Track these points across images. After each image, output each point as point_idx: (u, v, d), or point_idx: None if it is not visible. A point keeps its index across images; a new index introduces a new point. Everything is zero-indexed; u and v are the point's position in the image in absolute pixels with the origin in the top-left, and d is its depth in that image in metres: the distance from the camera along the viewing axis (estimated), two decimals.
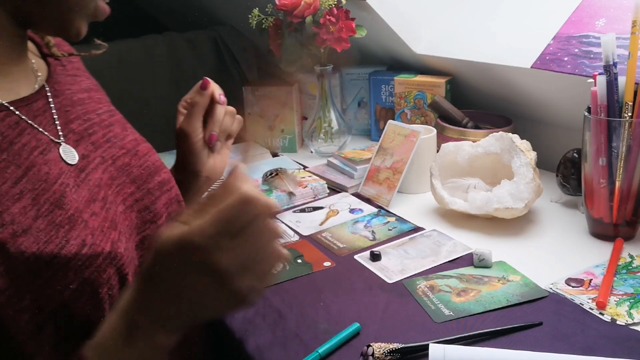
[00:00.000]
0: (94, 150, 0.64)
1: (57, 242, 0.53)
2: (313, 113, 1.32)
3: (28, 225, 0.52)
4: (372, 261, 0.85)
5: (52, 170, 0.57)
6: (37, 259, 0.51)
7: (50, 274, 0.52)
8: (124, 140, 0.69)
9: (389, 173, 1.05)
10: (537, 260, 0.82)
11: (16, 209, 0.52)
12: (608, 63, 0.80)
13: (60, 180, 0.57)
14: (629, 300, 0.71)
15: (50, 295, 0.52)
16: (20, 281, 0.50)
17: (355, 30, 1.18)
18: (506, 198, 0.88)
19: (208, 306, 0.49)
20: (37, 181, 0.55)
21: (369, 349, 0.62)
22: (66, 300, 0.53)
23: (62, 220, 0.55)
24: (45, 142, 0.59)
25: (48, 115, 0.62)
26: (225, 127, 0.87)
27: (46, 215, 0.54)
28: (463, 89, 1.27)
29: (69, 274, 0.53)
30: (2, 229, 0.50)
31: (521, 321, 0.68)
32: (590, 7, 1.01)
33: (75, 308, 0.54)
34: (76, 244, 0.54)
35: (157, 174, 0.70)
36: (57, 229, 0.54)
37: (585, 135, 0.84)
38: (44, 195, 0.55)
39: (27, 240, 0.51)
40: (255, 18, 1.24)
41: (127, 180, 0.66)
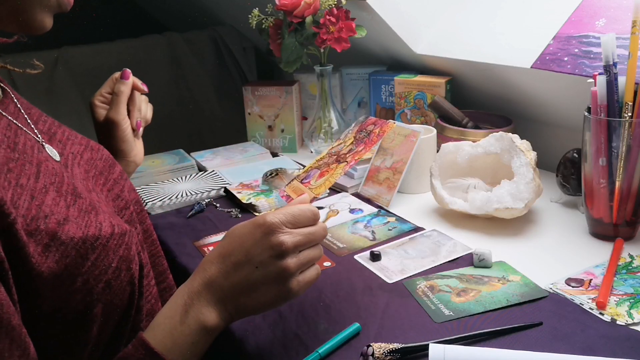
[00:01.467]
0: (63, 148, 0.67)
1: (94, 225, 0.56)
2: (313, 113, 1.32)
3: (65, 215, 0.54)
4: (372, 261, 0.85)
5: (55, 165, 0.59)
6: (84, 243, 0.54)
7: (95, 256, 0.55)
8: (77, 137, 0.71)
9: (389, 173, 1.05)
10: (537, 260, 0.82)
11: (49, 201, 0.54)
12: (608, 63, 0.80)
13: (64, 173, 0.60)
14: (629, 300, 0.71)
15: (97, 276, 0.55)
16: (72, 265, 0.53)
17: (355, 30, 1.18)
18: (506, 198, 0.88)
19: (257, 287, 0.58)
20: (51, 175, 0.57)
21: (369, 349, 0.62)
22: (110, 279, 0.56)
23: (86, 207, 0.57)
24: (34, 141, 0.61)
25: (21, 117, 0.63)
26: (143, 113, 0.94)
27: (73, 204, 0.56)
28: (463, 89, 1.27)
29: (109, 253, 0.56)
30: (47, 220, 0.52)
31: (521, 321, 0.68)
32: (590, 7, 1.01)
33: (116, 286, 0.57)
34: (107, 225, 0.57)
35: (115, 165, 0.73)
36: (88, 215, 0.57)
37: (585, 135, 0.84)
38: (62, 187, 0.57)
39: (71, 227, 0.54)
40: (255, 18, 1.24)
41: (97, 173, 0.69)
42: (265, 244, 0.58)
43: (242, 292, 0.58)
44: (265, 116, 1.37)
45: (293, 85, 1.36)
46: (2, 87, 0.64)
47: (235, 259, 0.58)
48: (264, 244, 0.58)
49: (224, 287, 0.58)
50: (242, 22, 1.36)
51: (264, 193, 1.08)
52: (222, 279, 0.58)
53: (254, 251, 0.58)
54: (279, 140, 1.38)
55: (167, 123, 1.79)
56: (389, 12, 1.22)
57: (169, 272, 0.79)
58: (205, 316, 0.57)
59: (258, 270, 0.58)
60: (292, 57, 1.22)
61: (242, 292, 0.58)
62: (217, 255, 0.60)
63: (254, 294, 0.58)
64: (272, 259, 0.58)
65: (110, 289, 0.56)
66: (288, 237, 0.58)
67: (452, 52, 1.20)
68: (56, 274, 0.51)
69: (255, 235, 0.58)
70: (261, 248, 0.58)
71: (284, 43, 1.22)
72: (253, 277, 0.58)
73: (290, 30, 1.20)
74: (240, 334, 0.71)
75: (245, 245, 0.58)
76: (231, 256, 0.59)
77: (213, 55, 1.90)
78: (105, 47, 1.74)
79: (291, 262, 0.58)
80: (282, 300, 0.60)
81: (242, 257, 0.58)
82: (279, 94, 1.35)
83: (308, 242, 0.60)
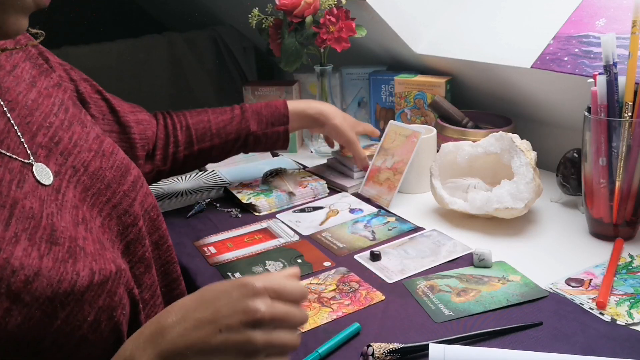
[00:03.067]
0: (64, 162, 0.61)
1: (68, 278, 0.51)
2: None
3: (37, 267, 0.50)
4: (372, 261, 0.85)
5: (34, 203, 0.54)
6: (52, 302, 0.49)
7: (67, 312, 0.50)
8: (89, 140, 0.66)
9: (390, 173, 1.05)
10: (537, 260, 0.82)
11: (19, 252, 0.49)
12: (608, 63, 0.80)
13: (45, 211, 0.55)
14: (629, 300, 0.70)
15: (69, 333, 0.51)
16: (36, 327, 0.48)
17: (355, 30, 1.18)
18: (506, 198, 0.88)
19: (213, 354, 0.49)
20: (25, 219, 0.52)
21: (369, 349, 0.62)
22: (85, 334, 0.52)
23: (63, 255, 0.52)
24: (18, 170, 0.55)
25: (12, 135, 0.58)
26: None
27: (47, 253, 0.51)
28: (463, 89, 1.27)
29: (84, 307, 0.51)
30: (14, 277, 0.48)
31: (521, 321, 0.68)
32: (590, 7, 1.01)
33: (94, 339, 0.52)
34: (86, 275, 0.52)
35: (129, 173, 0.68)
36: (64, 265, 0.52)
37: (585, 135, 0.84)
38: (36, 233, 0.52)
39: (40, 284, 0.49)
40: (255, 18, 1.24)
41: (102, 187, 0.64)
42: (238, 307, 0.49)
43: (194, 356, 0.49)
44: None
45: (293, 85, 1.35)
46: None
47: (200, 316, 0.49)
48: (237, 305, 0.49)
49: (176, 345, 0.49)
50: (242, 22, 1.36)
51: (264, 193, 1.08)
52: (177, 336, 0.49)
53: (223, 311, 0.49)
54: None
55: None
56: (389, 12, 1.22)
57: (182, 279, 0.77)
58: None
59: (221, 335, 0.48)
60: (292, 57, 1.21)
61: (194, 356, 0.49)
62: (180, 306, 0.51)
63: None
64: (241, 326, 0.48)
65: (86, 343, 0.52)
66: (267, 306, 0.49)
67: (452, 52, 1.20)
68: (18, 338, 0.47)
69: (232, 295, 0.50)
70: (233, 310, 0.49)
71: (284, 43, 1.21)
72: (213, 341, 0.48)
73: (290, 30, 1.20)
74: None
75: (216, 304, 0.50)
76: (196, 311, 0.50)
77: (213, 55, 1.90)
78: (105, 47, 1.74)
79: (260, 336, 0.49)
80: None
81: (207, 314, 0.49)
82: (279, 94, 1.35)
83: (286, 321, 0.50)
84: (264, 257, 0.88)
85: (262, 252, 0.90)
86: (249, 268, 0.85)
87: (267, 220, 1.01)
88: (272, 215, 1.03)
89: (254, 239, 0.95)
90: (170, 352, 0.49)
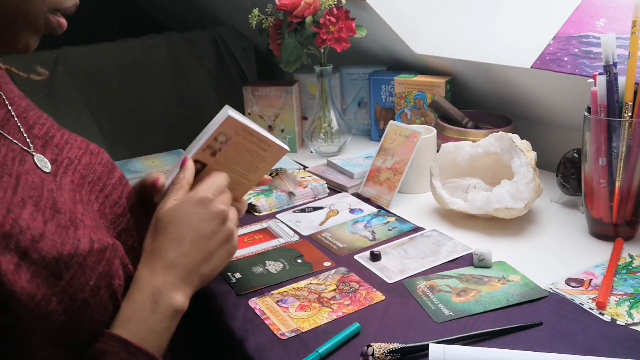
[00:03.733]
0: (59, 153, 0.65)
1: (71, 242, 0.55)
2: (313, 113, 1.32)
3: (42, 230, 0.53)
4: (372, 261, 0.85)
5: (35, 178, 0.58)
6: (57, 262, 0.53)
7: (71, 275, 0.54)
8: (77, 140, 0.70)
9: (390, 174, 1.05)
10: (537, 260, 0.82)
11: (26, 215, 0.53)
12: (608, 63, 0.80)
13: (45, 187, 0.58)
14: (629, 300, 0.71)
15: (73, 295, 0.54)
16: (45, 285, 0.52)
17: (355, 30, 1.18)
18: (506, 198, 0.88)
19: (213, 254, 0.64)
20: (30, 189, 0.56)
21: (369, 349, 0.62)
22: (87, 297, 0.55)
23: (65, 222, 0.56)
24: (19, 152, 0.59)
25: (12, 124, 0.62)
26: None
27: (51, 219, 0.55)
28: (463, 89, 1.27)
29: (86, 271, 0.55)
30: (22, 236, 0.51)
31: (521, 321, 0.68)
32: (590, 7, 1.01)
33: (95, 304, 0.56)
34: (86, 242, 0.56)
35: (115, 170, 0.73)
36: (66, 231, 0.55)
37: (585, 135, 0.84)
38: (41, 201, 0.56)
39: (45, 244, 0.52)
40: (255, 18, 1.24)
41: (95, 178, 0.68)
42: (210, 216, 0.64)
43: (202, 264, 0.64)
44: (265, 116, 1.37)
45: (293, 85, 1.35)
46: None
47: (190, 238, 0.63)
48: (209, 216, 0.64)
49: (187, 266, 0.62)
50: (242, 22, 1.35)
51: (264, 193, 1.08)
52: (185, 260, 0.62)
53: (204, 225, 0.64)
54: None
55: (167, 123, 1.79)
56: (389, 12, 1.22)
57: None
58: (175, 300, 0.60)
59: (211, 241, 0.64)
60: (292, 57, 1.21)
61: (202, 263, 0.64)
62: (170, 241, 0.62)
63: (213, 262, 0.65)
64: (220, 226, 0.65)
65: (88, 307, 0.55)
66: (222, 203, 0.66)
67: (452, 52, 1.20)
68: (29, 293, 0.50)
69: (198, 212, 0.64)
70: (208, 220, 0.64)
71: (284, 43, 1.21)
72: (209, 247, 0.64)
73: (290, 30, 1.20)
74: (240, 334, 0.71)
75: (194, 224, 0.63)
76: (185, 237, 0.63)
77: (213, 55, 1.90)
78: (105, 47, 1.74)
79: (232, 224, 0.67)
80: (230, 257, 0.68)
81: (195, 234, 0.63)
82: (279, 94, 1.35)
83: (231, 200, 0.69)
84: (264, 257, 0.88)
85: (262, 252, 0.90)
86: (249, 268, 0.85)
87: (267, 221, 1.01)
88: (272, 215, 1.03)
89: (254, 239, 0.95)
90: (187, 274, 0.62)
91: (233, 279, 0.82)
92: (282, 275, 0.83)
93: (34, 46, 0.60)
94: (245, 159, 0.72)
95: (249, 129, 0.69)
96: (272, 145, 0.71)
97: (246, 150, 0.71)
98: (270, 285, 0.80)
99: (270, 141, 0.71)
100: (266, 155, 0.72)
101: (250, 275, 0.83)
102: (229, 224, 0.66)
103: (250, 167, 0.73)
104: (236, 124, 0.69)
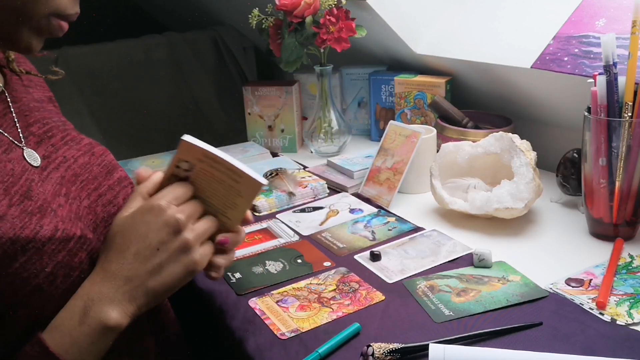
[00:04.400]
0: (54, 151, 0.67)
1: (31, 227, 0.56)
2: (313, 113, 1.32)
3: (3, 213, 0.55)
4: (372, 261, 0.85)
5: (16, 167, 0.60)
6: (13, 243, 0.54)
7: (26, 258, 0.55)
8: (80, 143, 0.72)
9: (390, 173, 1.05)
10: (537, 260, 0.82)
11: None
12: (608, 63, 0.80)
13: (25, 176, 0.60)
14: (629, 300, 0.71)
15: (25, 279, 0.55)
16: None
17: (355, 30, 1.18)
18: (506, 198, 0.88)
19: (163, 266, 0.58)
20: (4, 175, 0.58)
21: (369, 349, 0.62)
22: (41, 284, 0.56)
23: (33, 209, 0.57)
24: (7, 143, 0.62)
25: (8, 119, 0.65)
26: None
27: (18, 204, 0.57)
28: (463, 89, 1.27)
29: (43, 257, 0.56)
30: None
31: (521, 321, 0.68)
32: (590, 7, 1.01)
33: (49, 291, 0.56)
34: (49, 229, 0.57)
35: (115, 171, 0.73)
36: (30, 217, 0.57)
37: (585, 135, 0.84)
38: (12, 187, 0.58)
39: (4, 225, 0.54)
40: (255, 18, 1.24)
41: (90, 177, 0.69)
42: (160, 224, 0.58)
43: (149, 278, 0.58)
44: (265, 116, 1.37)
45: (293, 85, 1.35)
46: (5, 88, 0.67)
47: (135, 249, 0.58)
48: (158, 225, 0.58)
49: (129, 278, 0.57)
50: (242, 22, 1.36)
51: (264, 193, 1.08)
52: (126, 272, 0.57)
53: (151, 235, 0.58)
54: (279, 140, 1.38)
55: (167, 123, 1.79)
56: (389, 12, 1.22)
57: None
58: (107, 315, 0.56)
59: (160, 252, 0.58)
60: (292, 57, 1.21)
61: (149, 277, 0.58)
62: (114, 251, 0.58)
63: (162, 276, 0.58)
64: (171, 236, 0.58)
65: (41, 293, 0.55)
66: (179, 212, 0.59)
67: (452, 52, 1.20)
68: None
69: (147, 220, 0.58)
70: (157, 230, 0.58)
71: (284, 43, 1.21)
72: (157, 259, 0.58)
73: (290, 30, 1.20)
74: (240, 334, 0.71)
75: (140, 233, 0.58)
76: (130, 247, 0.58)
77: (213, 55, 1.90)
78: (105, 47, 1.74)
79: (189, 235, 0.58)
80: (189, 274, 0.59)
81: (140, 244, 0.58)
82: (279, 94, 1.35)
83: (196, 212, 0.61)
84: (264, 257, 0.88)
85: (262, 252, 0.90)
86: (249, 268, 0.85)
87: (267, 221, 1.01)
88: (272, 216, 1.03)
89: (254, 239, 0.95)
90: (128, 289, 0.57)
91: (233, 279, 0.82)
92: (282, 275, 0.83)
93: (37, 46, 0.61)
94: (218, 192, 0.62)
95: (212, 155, 0.60)
96: (244, 176, 0.61)
97: (217, 180, 0.62)
98: (270, 285, 0.80)
99: (241, 172, 0.60)
100: (240, 188, 0.62)
101: (250, 275, 0.83)
102: (185, 234, 0.58)
103: (227, 201, 0.63)
104: (194, 148, 0.61)
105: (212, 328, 0.80)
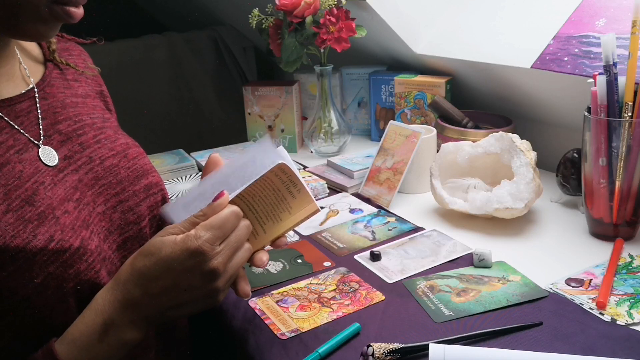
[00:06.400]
0: (80, 151, 0.65)
1: (24, 237, 0.55)
2: (313, 113, 1.32)
3: None
4: (372, 261, 0.85)
5: (27, 168, 0.59)
6: (2, 252, 0.53)
7: (14, 268, 0.54)
8: (115, 142, 0.70)
9: (390, 173, 1.05)
10: (537, 260, 0.82)
11: None
12: (608, 63, 0.80)
13: (34, 178, 0.59)
14: (629, 300, 0.71)
15: (13, 288, 0.54)
16: None
17: (355, 30, 1.18)
18: (506, 198, 0.88)
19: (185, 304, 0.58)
20: (9, 177, 0.57)
21: (369, 349, 0.62)
22: (29, 294, 0.54)
23: (31, 216, 0.56)
24: (23, 142, 0.61)
25: (32, 117, 0.63)
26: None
27: (16, 210, 0.56)
28: (463, 89, 1.27)
29: (33, 268, 0.54)
30: None
31: (521, 321, 0.68)
32: (590, 7, 1.01)
33: (38, 301, 0.55)
34: (43, 240, 0.56)
35: (145, 177, 0.71)
36: (25, 224, 0.55)
37: (585, 135, 0.84)
38: (15, 191, 0.57)
39: None
40: (255, 18, 1.24)
41: (114, 181, 0.67)
42: (196, 272, 0.55)
43: (169, 309, 0.58)
44: (265, 116, 1.37)
45: (293, 85, 1.35)
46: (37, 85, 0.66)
47: (163, 284, 0.56)
48: (194, 272, 0.55)
49: (150, 307, 0.57)
50: (242, 22, 1.35)
51: None
52: (149, 300, 0.56)
53: (184, 278, 0.55)
54: (279, 140, 1.38)
55: (167, 123, 1.79)
56: (389, 12, 1.22)
57: None
58: (127, 335, 0.57)
59: (187, 292, 0.56)
60: (292, 57, 1.21)
61: (169, 309, 0.58)
62: (140, 276, 0.56)
63: (181, 310, 0.58)
64: (204, 283, 0.56)
65: (28, 303, 0.54)
66: (219, 260, 0.56)
67: (452, 52, 1.20)
68: None
69: (186, 264, 0.55)
70: (191, 275, 0.55)
71: (284, 43, 1.21)
72: (182, 298, 0.57)
73: (290, 30, 1.20)
74: (240, 334, 0.71)
75: (174, 272, 0.55)
76: (158, 280, 0.56)
77: (213, 55, 1.90)
78: (105, 47, 1.74)
79: (221, 283, 0.57)
80: (206, 308, 0.59)
81: (169, 282, 0.56)
82: (279, 94, 1.35)
83: (236, 250, 0.58)
84: None
85: None
86: (249, 268, 0.85)
87: None
88: None
89: None
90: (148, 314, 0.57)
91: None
92: (282, 275, 0.83)
93: (47, 33, 0.59)
94: (268, 199, 0.59)
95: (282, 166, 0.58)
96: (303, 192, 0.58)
97: (272, 187, 0.58)
98: (270, 285, 0.80)
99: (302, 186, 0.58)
100: (293, 204, 0.59)
101: (250, 275, 0.83)
102: (218, 283, 0.57)
103: (272, 212, 0.60)
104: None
105: (212, 328, 0.80)
